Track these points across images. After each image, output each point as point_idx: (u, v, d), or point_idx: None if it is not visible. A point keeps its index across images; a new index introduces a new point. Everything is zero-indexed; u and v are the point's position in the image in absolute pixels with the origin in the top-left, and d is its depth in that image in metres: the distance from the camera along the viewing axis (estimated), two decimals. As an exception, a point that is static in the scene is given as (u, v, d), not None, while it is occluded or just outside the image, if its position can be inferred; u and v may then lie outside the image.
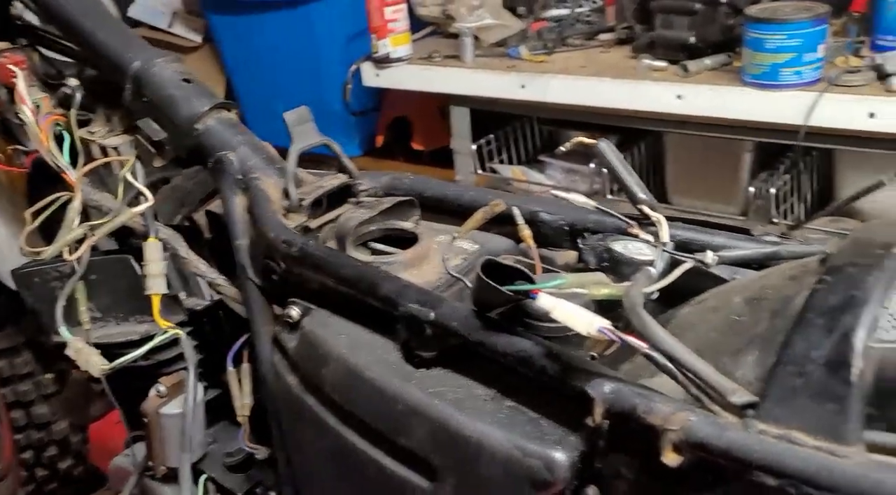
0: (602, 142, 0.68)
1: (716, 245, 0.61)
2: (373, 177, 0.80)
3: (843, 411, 0.39)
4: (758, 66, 1.59)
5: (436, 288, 0.66)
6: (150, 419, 0.82)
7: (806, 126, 1.55)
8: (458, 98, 2.03)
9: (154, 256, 0.79)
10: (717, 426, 0.43)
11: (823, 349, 0.41)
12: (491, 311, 0.56)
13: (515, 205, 0.69)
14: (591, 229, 0.68)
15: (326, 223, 0.76)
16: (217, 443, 0.88)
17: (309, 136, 0.75)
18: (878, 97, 1.50)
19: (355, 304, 0.65)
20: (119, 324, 0.85)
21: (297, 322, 0.68)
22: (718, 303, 0.53)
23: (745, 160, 1.87)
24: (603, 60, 1.90)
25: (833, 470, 0.38)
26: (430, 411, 0.55)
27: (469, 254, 0.70)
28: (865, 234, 0.48)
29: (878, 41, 1.64)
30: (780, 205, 1.81)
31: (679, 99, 1.69)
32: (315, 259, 0.68)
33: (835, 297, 0.43)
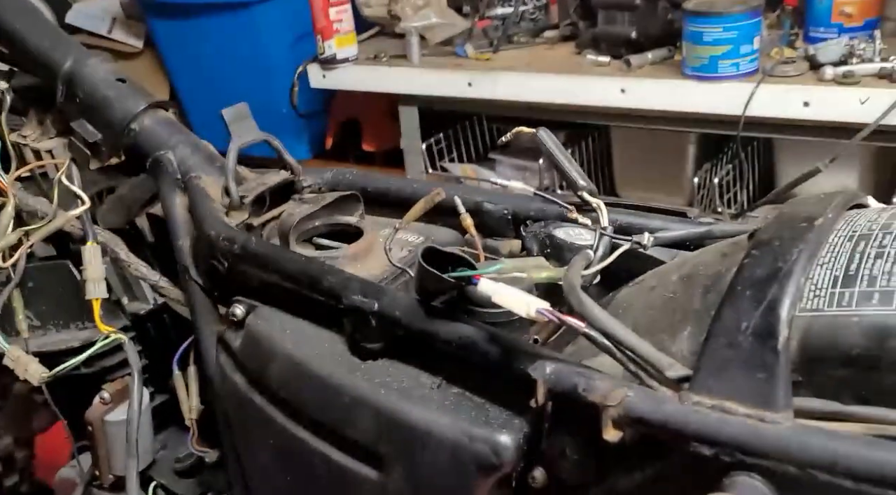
0: (541, 131, 0.69)
1: (653, 227, 0.62)
2: (315, 174, 0.80)
3: (771, 379, 0.41)
4: (697, 58, 1.63)
5: (381, 280, 0.66)
6: (94, 427, 0.80)
7: (745, 116, 1.59)
8: (406, 97, 2.03)
9: (93, 260, 0.77)
10: (655, 400, 0.44)
11: (751, 320, 0.42)
12: (434, 300, 0.56)
13: (457, 194, 0.69)
14: (534, 217, 0.69)
15: (269, 220, 0.76)
16: (166, 449, 0.86)
17: (248, 133, 0.74)
18: (811, 86, 1.55)
19: (300, 300, 0.64)
20: (59, 332, 0.84)
21: (242, 320, 0.68)
22: (656, 283, 0.54)
23: (689, 151, 1.92)
24: (548, 57, 1.92)
25: (763, 436, 0.39)
26: (377, 402, 0.55)
27: (413, 245, 0.70)
28: (790, 210, 0.49)
29: (811, 33, 1.69)
30: (724, 195, 1.86)
31: (623, 93, 1.72)
32: (258, 256, 0.67)
33: (761, 270, 0.44)
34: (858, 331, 0.40)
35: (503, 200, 0.72)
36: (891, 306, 0.40)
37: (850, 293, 0.42)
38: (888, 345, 0.39)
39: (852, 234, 0.45)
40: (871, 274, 0.42)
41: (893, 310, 0.40)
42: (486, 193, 0.73)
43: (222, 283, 0.71)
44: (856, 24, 1.64)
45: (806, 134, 1.63)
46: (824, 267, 0.43)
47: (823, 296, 0.42)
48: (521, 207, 0.70)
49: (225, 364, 0.70)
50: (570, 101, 1.79)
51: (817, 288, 0.43)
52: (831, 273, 0.43)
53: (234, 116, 0.74)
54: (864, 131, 1.49)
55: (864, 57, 1.55)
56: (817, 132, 1.60)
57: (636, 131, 1.90)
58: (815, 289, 0.43)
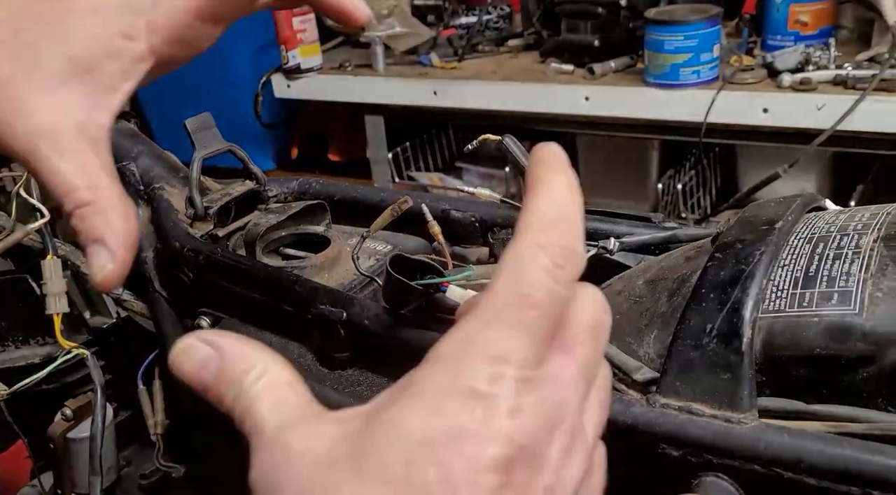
0: (507, 138, 0.69)
1: (618, 233, 0.63)
2: (281, 183, 0.79)
3: (736, 380, 0.41)
4: (659, 66, 1.65)
5: (349, 289, 0.66)
6: (56, 445, 0.79)
7: (706, 123, 1.62)
8: (372, 107, 2.04)
9: (53, 274, 0.76)
10: (623, 403, 0.44)
11: (716, 322, 0.43)
12: (402, 308, 0.56)
13: (425, 202, 0.69)
14: (501, 224, 0.69)
15: (235, 231, 0.75)
16: (131, 466, 0.84)
17: (212, 143, 0.74)
18: (770, 93, 1.59)
19: (267, 310, 0.63)
20: (19, 348, 0.82)
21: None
22: (622, 287, 0.55)
23: (652, 158, 1.95)
24: (512, 65, 1.94)
25: (729, 436, 0.40)
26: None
27: (381, 254, 0.70)
28: (751, 213, 0.50)
29: (768, 41, 1.74)
30: (688, 200, 1.89)
31: (587, 100, 1.74)
32: (224, 267, 0.66)
33: (725, 273, 0.44)
34: (819, 330, 0.41)
35: (470, 208, 0.72)
36: (849, 306, 0.41)
37: (810, 294, 0.42)
38: (847, 344, 0.40)
39: (811, 237, 0.46)
40: (829, 275, 0.43)
41: (852, 310, 0.41)
42: (454, 201, 0.73)
43: (187, 295, 0.70)
44: (811, 33, 1.69)
45: (765, 140, 1.67)
46: (785, 268, 0.44)
47: (785, 297, 0.43)
48: (488, 214, 0.71)
49: (191, 377, 0.69)
50: (535, 109, 1.81)
51: (779, 289, 0.43)
52: (792, 274, 0.44)
53: (197, 126, 0.73)
54: (821, 137, 1.53)
55: (820, 64, 1.60)
56: (776, 138, 1.64)
57: (601, 138, 1.92)
58: (776, 291, 0.43)
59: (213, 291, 0.67)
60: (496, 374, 0.27)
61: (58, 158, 0.39)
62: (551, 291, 0.28)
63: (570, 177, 0.31)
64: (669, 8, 1.71)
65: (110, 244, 0.39)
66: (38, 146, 0.39)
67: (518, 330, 0.27)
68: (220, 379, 0.31)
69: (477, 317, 0.28)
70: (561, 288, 0.28)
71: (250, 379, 0.30)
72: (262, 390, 0.30)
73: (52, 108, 0.39)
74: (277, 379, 0.31)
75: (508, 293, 0.28)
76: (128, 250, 0.40)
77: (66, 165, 0.39)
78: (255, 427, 0.29)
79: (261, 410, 0.30)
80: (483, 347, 0.27)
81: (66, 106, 0.40)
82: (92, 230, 0.39)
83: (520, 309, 0.27)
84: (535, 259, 0.28)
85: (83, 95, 0.40)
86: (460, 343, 0.28)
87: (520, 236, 0.29)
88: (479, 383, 0.26)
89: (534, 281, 0.28)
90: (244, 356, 0.31)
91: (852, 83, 1.52)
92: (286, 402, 0.30)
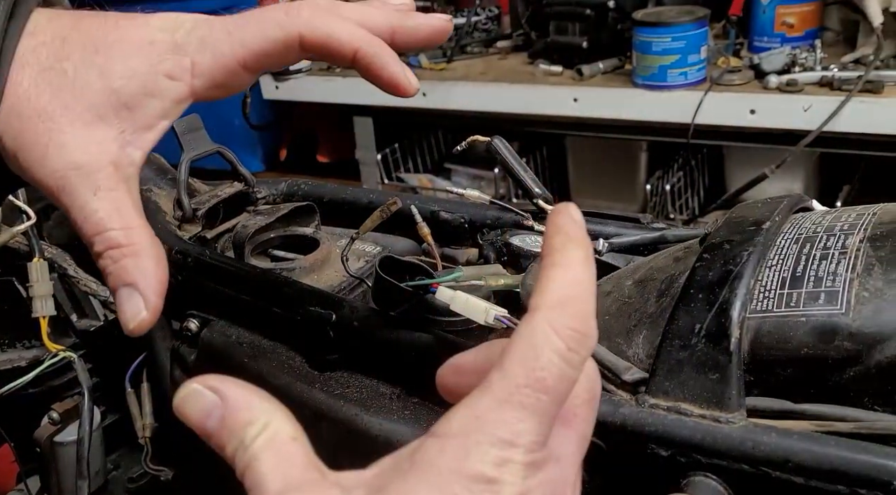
0: (496, 140, 0.69)
1: (607, 233, 0.63)
2: (270, 185, 0.79)
3: (724, 380, 0.41)
4: (647, 68, 1.66)
5: (338, 291, 0.66)
6: (43, 448, 0.78)
7: (693, 124, 1.62)
8: (361, 108, 2.03)
9: (39, 277, 0.75)
10: (612, 404, 0.44)
11: (704, 322, 0.43)
12: (392, 309, 0.56)
13: (414, 204, 0.69)
14: (490, 225, 0.70)
15: (223, 233, 0.75)
16: (119, 469, 0.84)
17: (200, 144, 0.73)
18: (756, 94, 1.60)
19: (256, 312, 0.63)
20: (5, 351, 0.81)
21: (197, 334, 0.66)
22: (611, 288, 0.55)
23: (641, 159, 1.95)
24: (501, 66, 1.94)
25: (717, 436, 0.40)
26: (336, 413, 0.55)
27: (370, 255, 0.70)
28: (739, 214, 0.50)
29: (755, 42, 1.75)
30: (676, 201, 1.90)
31: (576, 102, 1.74)
32: (212, 269, 0.66)
33: (713, 273, 0.45)
34: (806, 330, 0.41)
35: (459, 209, 0.72)
36: (836, 306, 0.41)
37: (797, 294, 0.43)
38: (834, 344, 0.41)
39: (798, 237, 0.47)
40: (816, 275, 0.43)
41: (839, 310, 0.41)
42: (443, 202, 0.73)
43: (176, 297, 0.69)
44: (797, 34, 1.70)
45: (753, 141, 1.68)
46: (773, 269, 0.45)
47: (772, 297, 0.43)
48: (477, 216, 0.71)
49: (180, 379, 0.68)
50: (524, 111, 1.81)
51: (766, 289, 0.44)
52: (779, 275, 0.44)
53: (185, 128, 0.73)
54: (807, 138, 1.54)
55: (806, 65, 1.61)
56: (763, 139, 1.65)
57: (589, 140, 1.93)
58: (764, 291, 0.44)
59: (202, 293, 0.67)
60: (504, 459, 0.27)
61: (91, 196, 0.38)
62: (564, 376, 0.28)
63: (587, 250, 0.31)
64: (657, 10, 1.72)
65: (143, 290, 0.38)
66: (72, 182, 0.38)
67: (529, 412, 0.28)
68: (222, 428, 0.31)
69: (489, 395, 0.28)
70: (572, 372, 0.29)
71: (252, 433, 0.30)
72: (264, 446, 0.29)
73: (87, 143, 0.38)
74: (280, 433, 0.30)
75: (522, 374, 0.28)
76: (160, 296, 0.39)
77: (99, 205, 0.38)
78: (256, 486, 0.29)
79: (262, 469, 0.29)
80: (493, 429, 0.27)
81: (101, 142, 0.39)
82: (124, 274, 0.38)
83: (532, 392, 0.28)
84: (549, 341, 0.28)
85: (119, 132, 0.39)
86: (472, 421, 0.28)
87: (535, 312, 0.29)
88: (487, 467, 0.27)
89: (547, 364, 0.28)
90: (248, 406, 0.31)
91: (838, 84, 1.53)
92: (289, 463, 0.29)
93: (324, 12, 0.41)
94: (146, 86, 0.39)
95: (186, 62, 0.40)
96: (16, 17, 0.39)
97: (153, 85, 0.39)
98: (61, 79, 0.39)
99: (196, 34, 0.40)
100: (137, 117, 0.39)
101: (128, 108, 0.39)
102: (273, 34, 0.40)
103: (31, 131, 0.38)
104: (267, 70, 0.43)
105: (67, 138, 0.38)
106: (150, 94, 0.39)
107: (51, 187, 0.38)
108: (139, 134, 0.40)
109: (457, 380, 0.35)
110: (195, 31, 0.40)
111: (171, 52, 0.40)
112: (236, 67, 0.41)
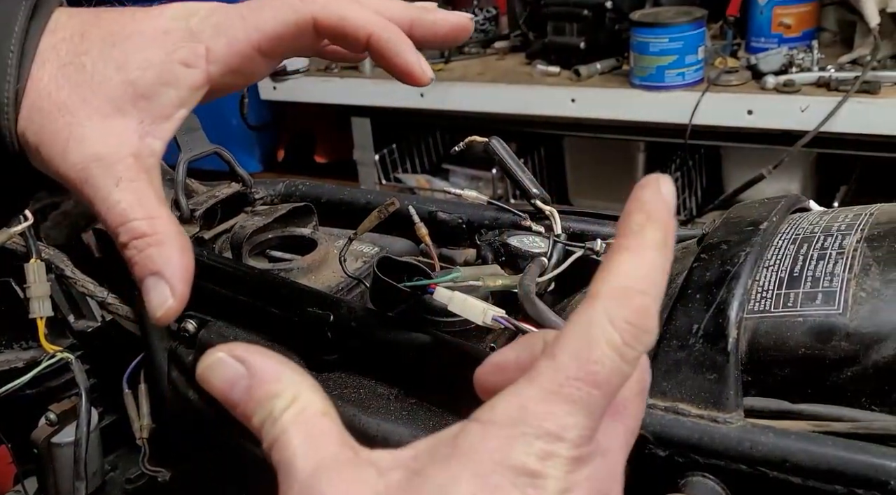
0: (494, 140, 0.69)
1: (605, 234, 0.63)
2: (268, 186, 0.79)
3: (722, 380, 0.41)
4: (644, 68, 1.66)
5: (336, 291, 0.66)
6: (40, 449, 0.78)
7: (691, 124, 1.63)
8: (359, 109, 2.03)
9: (37, 278, 0.75)
10: (610, 404, 0.44)
11: (702, 322, 0.43)
12: (390, 310, 0.56)
13: (412, 204, 0.69)
14: (488, 226, 0.70)
15: (221, 233, 0.75)
16: (117, 470, 0.84)
17: (198, 145, 0.73)
18: (754, 95, 1.60)
19: (254, 313, 0.63)
20: (2, 352, 0.81)
21: (194, 335, 0.66)
22: (608, 289, 0.55)
23: (639, 159, 1.96)
24: (499, 67, 1.94)
25: (715, 436, 0.40)
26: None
27: (368, 256, 0.70)
28: (736, 214, 0.51)
29: (752, 43, 1.75)
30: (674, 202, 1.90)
31: (573, 102, 1.75)
32: (210, 269, 0.66)
33: (710, 274, 0.45)
34: (803, 330, 0.42)
35: (457, 209, 0.72)
36: (833, 306, 0.41)
37: (794, 294, 0.43)
38: (831, 344, 0.41)
39: (796, 237, 0.47)
40: (814, 275, 0.43)
41: (836, 310, 0.41)
42: (441, 203, 0.73)
43: (173, 298, 0.69)
44: (795, 35, 1.70)
45: (750, 141, 1.68)
46: (770, 269, 0.45)
47: (770, 297, 0.43)
48: (475, 216, 0.71)
49: (177, 380, 0.68)
50: (521, 111, 1.82)
51: (764, 289, 0.44)
52: (777, 275, 0.44)
53: (182, 128, 0.73)
54: (804, 138, 1.55)
55: (804, 66, 1.61)
56: (761, 139, 1.65)
57: (587, 140, 1.93)
58: (761, 291, 0.44)
59: (200, 294, 0.67)
60: (549, 452, 0.26)
61: (113, 188, 0.38)
62: (617, 371, 0.27)
63: (667, 235, 0.29)
64: (654, 10, 1.72)
65: (169, 278, 0.38)
66: (93, 174, 0.38)
67: (578, 406, 0.27)
68: (248, 399, 0.30)
69: (537, 385, 0.27)
70: (627, 368, 0.27)
71: (280, 405, 0.29)
72: (294, 420, 0.28)
73: (107, 135, 0.38)
74: (310, 407, 0.29)
75: (573, 366, 0.27)
76: (187, 284, 0.39)
77: (121, 195, 0.38)
78: (286, 463, 0.28)
79: (292, 445, 0.28)
80: (540, 420, 0.26)
81: (121, 133, 0.39)
82: (150, 263, 0.38)
83: (583, 385, 0.27)
84: (605, 333, 0.27)
85: (138, 122, 0.39)
86: (517, 409, 0.27)
87: (594, 300, 0.28)
88: (532, 460, 0.26)
89: (601, 357, 0.27)
90: (275, 377, 0.30)
91: (835, 85, 1.53)
92: (320, 440, 0.28)
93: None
94: (162, 75, 0.39)
95: (201, 49, 0.40)
96: (37, 17, 0.40)
97: (169, 74, 0.40)
98: (80, 73, 0.39)
99: (210, 21, 0.40)
100: (155, 107, 0.40)
101: (145, 99, 0.39)
102: (287, 17, 0.40)
103: (52, 125, 0.38)
104: (285, 56, 0.43)
105: (87, 131, 0.38)
106: (166, 83, 0.40)
107: (73, 180, 0.39)
108: (158, 124, 0.40)
109: (498, 379, 0.34)
110: (210, 17, 0.41)
111: (185, 39, 0.40)
112: (251, 52, 0.41)
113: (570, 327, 0.28)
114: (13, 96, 0.38)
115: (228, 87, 0.42)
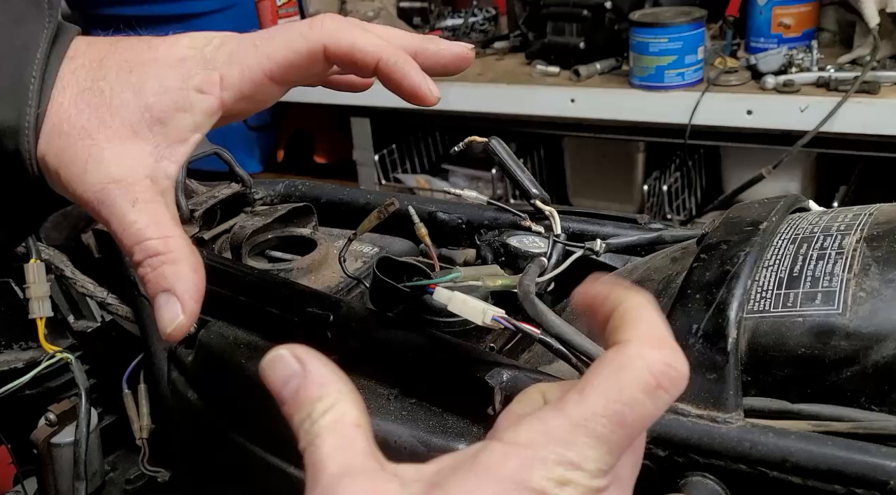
0: (494, 140, 0.69)
1: (605, 234, 0.63)
2: (267, 186, 0.79)
3: (721, 380, 0.41)
4: (644, 68, 1.66)
5: (336, 292, 0.66)
6: (40, 450, 0.78)
7: (691, 124, 1.63)
8: (358, 109, 2.03)
9: (36, 278, 0.75)
10: (610, 404, 0.44)
11: (701, 322, 0.43)
12: (389, 310, 0.56)
13: (411, 204, 0.69)
14: (488, 226, 0.70)
15: (221, 234, 0.75)
16: (116, 471, 0.84)
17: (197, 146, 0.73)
18: (753, 95, 1.60)
19: (253, 313, 0.63)
20: (2, 353, 0.81)
21: (194, 336, 0.66)
22: (608, 289, 0.55)
23: (638, 160, 1.96)
24: (499, 67, 1.94)
25: (715, 436, 0.40)
26: (333, 414, 0.55)
27: (368, 256, 0.70)
28: (736, 214, 0.51)
29: (752, 43, 1.75)
30: (673, 201, 1.90)
31: (573, 102, 1.74)
32: (209, 270, 0.65)
33: (710, 274, 0.45)
34: (803, 330, 0.42)
35: (457, 210, 0.72)
36: (833, 306, 0.41)
37: (794, 294, 0.43)
38: (831, 344, 0.41)
39: (795, 237, 0.47)
40: (813, 275, 0.43)
41: (835, 310, 0.41)
42: (440, 203, 0.73)
43: (173, 299, 0.69)
44: (794, 35, 1.70)
45: (750, 141, 1.68)
46: (769, 269, 0.45)
47: (769, 297, 0.43)
48: (475, 216, 0.71)
49: (177, 380, 0.68)
50: (521, 111, 1.81)
51: (763, 289, 0.44)
52: (776, 275, 0.44)
53: (182, 128, 0.73)
54: (804, 138, 1.55)
55: (803, 66, 1.61)
56: (760, 139, 1.65)
57: (587, 140, 1.93)
58: (761, 291, 0.44)
59: (199, 294, 0.67)
60: (567, 479, 0.27)
61: (129, 209, 0.39)
62: (645, 415, 0.28)
63: None
64: (654, 10, 1.72)
65: (181, 295, 0.39)
66: (111, 196, 0.39)
67: (601, 442, 0.28)
68: (295, 397, 0.31)
69: (563, 415, 0.28)
70: (656, 412, 0.28)
71: (320, 409, 0.31)
72: (329, 426, 0.30)
73: (124, 157, 0.40)
74: (346, 416, 0.31)
75: (602, 404, 0.28)
76: (198, 302, 0.40)
77: (137, 216, 0.39)
78: (315, 465, 0.30)
79: (324, 449, 0.30)
80: (562, 449, 0.27)
81: (138, 156, 0.40)
82: (162, 280, 0.39)
83: (609, 423, 0.28)
84: (639, 376, 0.28)
85: (154, 146, 0.41)
86: (541, 435, 0.28)
87: (630, 343, 0.29)
88: (550, 484, 0.27)
89: (632, 400, 0.28)
90: (323, 382, 0.32)
91: (835, 85, 1.53)
92: (350, 448, 0.30)
93: (348, 24, 0.43)
94: (178, 101, 0.41)
95: (215, 76, 0.41)
96: (57, 44, 0.41)
97: (184, 100, 0.41)
98: (99, 98, 0.40)
99: (225, 49, 0.42)
100: (170, 132, 0.41)
101: (161, 123, 0.41)
102: (297, 46, 0.42)
103: (71, 148, 0.40)
104: (296, 83, 0.44)
105: (105, 153, 0.40)
106: (181, 108, 0.41)
107: (91, 201, 0.40)
108: (173, 147, 0.41)
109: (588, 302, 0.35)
110: (224, 46, 0.42)
111: (200, 67, 0.41)
112: (263, 79, 0.42)
113: (605, 360, 0.29)
114: (34, 120, 0.40)
115: (241, 112, 0.43)
